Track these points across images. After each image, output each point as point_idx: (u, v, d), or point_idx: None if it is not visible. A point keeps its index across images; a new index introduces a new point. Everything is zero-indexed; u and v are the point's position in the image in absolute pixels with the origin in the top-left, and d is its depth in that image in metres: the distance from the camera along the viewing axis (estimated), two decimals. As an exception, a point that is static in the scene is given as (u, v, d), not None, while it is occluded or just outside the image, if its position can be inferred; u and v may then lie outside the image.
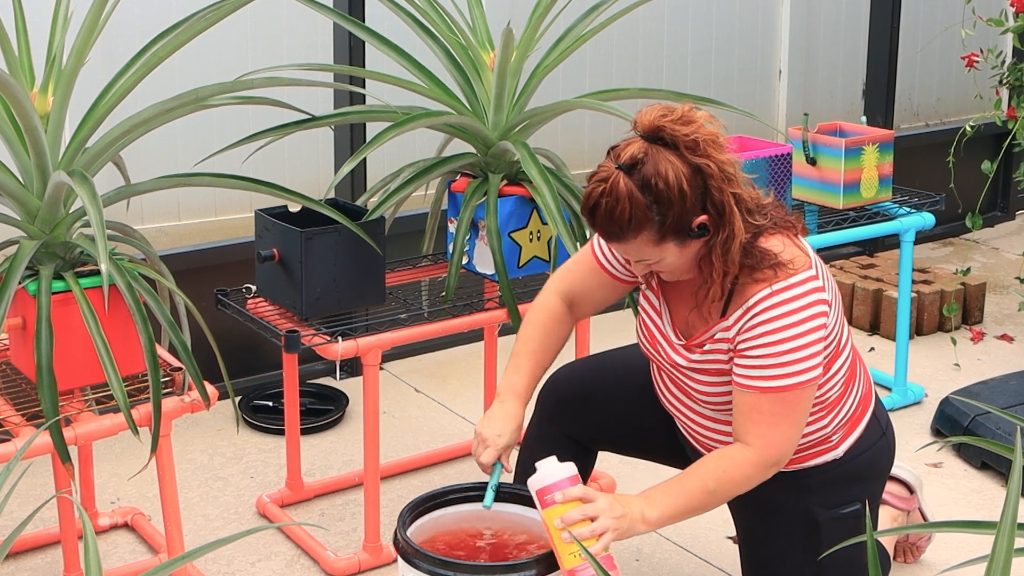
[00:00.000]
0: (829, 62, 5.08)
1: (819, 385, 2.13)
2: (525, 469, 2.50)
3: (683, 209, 1.98)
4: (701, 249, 2.06)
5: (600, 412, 2.44)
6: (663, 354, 2.24)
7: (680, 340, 2.20)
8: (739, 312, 2.09)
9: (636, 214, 1.97)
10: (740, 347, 2.09)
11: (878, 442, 2.29)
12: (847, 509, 2.22)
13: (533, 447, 2.48)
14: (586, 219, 2.05)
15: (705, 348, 2.16)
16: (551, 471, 2.09)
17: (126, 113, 2.38)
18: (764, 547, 2.28)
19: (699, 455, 2.29)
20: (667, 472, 2.57)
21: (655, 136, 1.99)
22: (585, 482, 2.52)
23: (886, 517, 2.66)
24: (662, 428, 2.41)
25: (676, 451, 2.43)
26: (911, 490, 2.72)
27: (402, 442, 3.33)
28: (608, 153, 2.03)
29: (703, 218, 2.00)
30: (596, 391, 2.45)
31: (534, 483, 2.09)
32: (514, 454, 2.50)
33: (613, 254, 2.29)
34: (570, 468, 2.10)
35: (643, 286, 2.28)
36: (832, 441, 2.22)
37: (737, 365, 2.10)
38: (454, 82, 2.87)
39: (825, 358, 2.10)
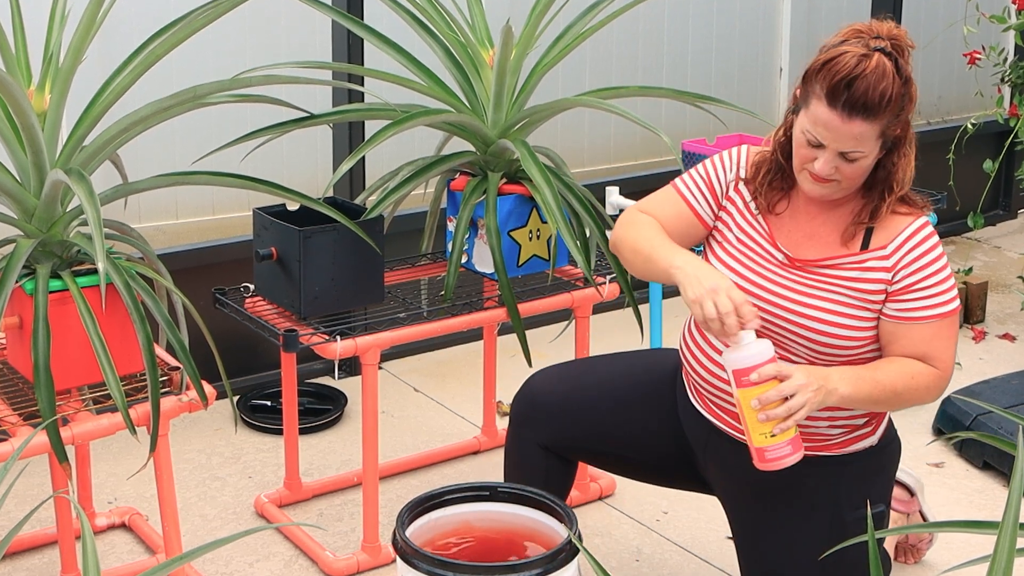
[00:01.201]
0: (830, 60, 5.07)
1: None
2: (510, 476, 2.48)
3: (909, 110, 2.05)
4: (880, 161, 2.09)
5: (577, 428, 2.40)
6: (768, 271, 2.17)
7: (785, 255, 2.16)
8: (897, 243, 2.11)
9: (894, 96, 2.00)
10: (909, 280, 2.10)
11: (895, 434, 2.31)
12: (874, 510, 2.21)
13: (512, 454, 2.45)
14: (830, 94, 2.01)
15: (819, 272, 2.13)
16: (748, 352, 2.04)
17: (123, 111, 2.37)
18: (784, 540, 2.24)
19: (700, 461, 2.30)
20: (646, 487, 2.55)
21: (892, 44, 2.05)
22: (566, 493, 2.49)
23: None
24: (638, 444, 2.38)
25: (650, 469, 2.42)
26: (911, 493, 2.72)
27: (401, 442, 3.32)
28: (845, 41, 2.05)
29: (898, 131, 2.06)
30: (574, 406, 2.41)
31: (730, 362, 2.05)
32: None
33: (700, 189, 2.26)
34: (767, 348, 2.05)
35: (732, 217, 2.23)
36: (871, 426, 2.22)
37: (910, 299, 2.10)
38: (453, 80, 2.86)
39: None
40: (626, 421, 2.39)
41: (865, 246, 2.13)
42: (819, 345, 2.13)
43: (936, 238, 2.13)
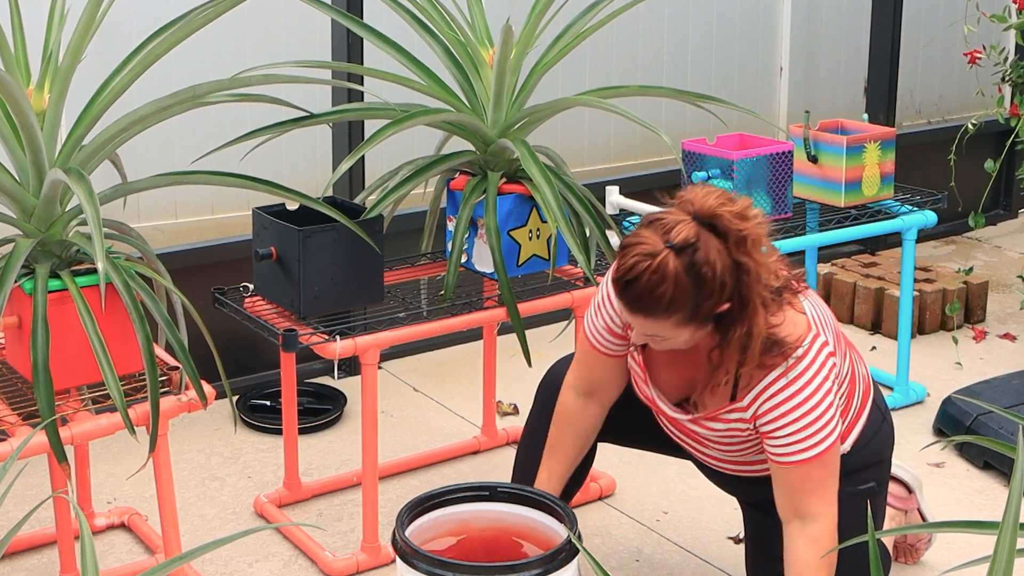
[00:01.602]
0: (831, 59, 5.07)
1: None
2: (523, 460, 2.49)
3: (718, 299, 1.97)
4: (713, 336, 2.04)
5: None
6: (659, 411, 2.27)
7: (678, 412, 2.22)
8: (752, 396, 2.10)
9: (676, 297, 1.94)
10: (765, 429, 2.10)
11: (880, 428, 2.32)
12: (863, 486, 2.25)
13: (532, 438, 2.47)
14: (615, 288, 2.00)
15: (715, 423, 2.17)
16: None
17: (123, 110, 2.37)
18: (778, 540, 2.26)
19: (706, 467, 2.36)
20: (667, 461, 2.56)
21: (709, 222, 1.95)
22: (582, 482, 2.53)
23: (885, 517, 2.64)
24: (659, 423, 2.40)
25: (674, 447, 2.42)
26: (910, 490, 2.71)
27: (400, 442, 3.32)
28: (650, 224, 1.97)
29: (726, 306, 1.99)
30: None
31: None
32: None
33: (605, 336, 2.26)
34: None
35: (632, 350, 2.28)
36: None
37: (771, 445, 2.11)
38: (453, 79, 2.86)
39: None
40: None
41: (734, 396, 2.13)
42: (733, 446, 2.22)
43: (803, 379, 2.05)
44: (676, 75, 4.66)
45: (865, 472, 2.28)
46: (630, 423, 2.44)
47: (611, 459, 3.06)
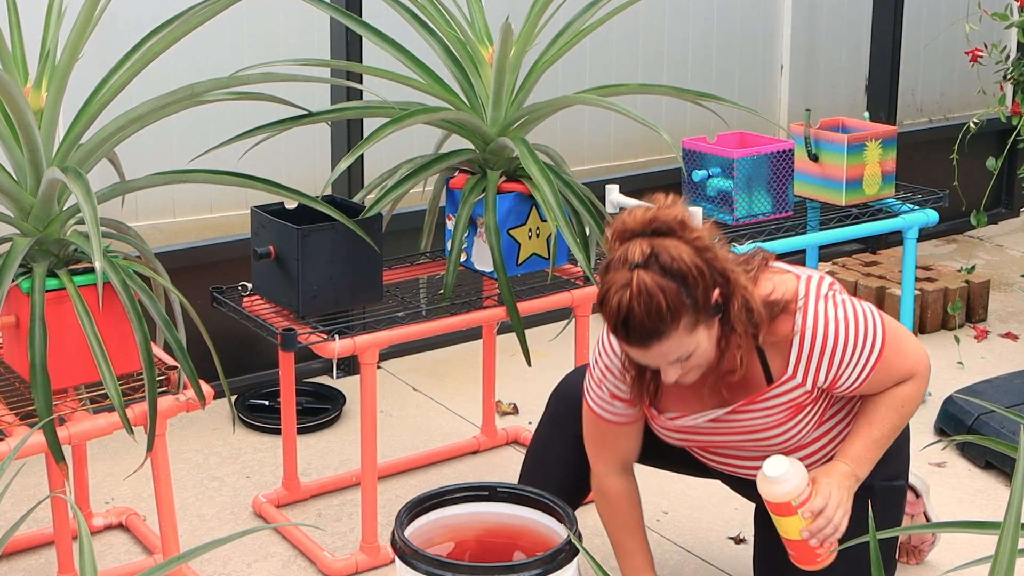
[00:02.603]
0: (831, 57, 5.06)
1: None
2: (532, 468, 2.48)
3: (705, 284, 1.98)
4: (721, 328, 2.05)
5: None
6: (696, 432, 2.24)
7: (718, 409, 2.19)
8: (794, 358, 2.11)
9: (672, 302, 1.95)
10: (831, 372, 2.11)
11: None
12: (896, 482, 2.30)
13: (542, 448, 2.46)
14: (619, 337, 2.00)
15: (766, 402, 2.16)
16: (790, 484, 2.08)
17: (121, 109, 2.36)
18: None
19: (721, 474, 2.37)
20: (664, 474, 2.55)
21: (650, 229, 1.99)
22: (589, 490, 2.50)
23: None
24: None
25: (688, 459, 2.41)
26: (917, 495, 2.70)
27: (400, 441, 3.31)
28: (607, 268, 2.00)
29: (716, 292, 2.01)
30: None
31: (775, 493, 2.09)
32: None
33: (615, 406, 2.25)
34: (802, 471, 2.10)
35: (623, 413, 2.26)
36: None
37: (845, 380, 2.13)
38: (452, 78, 2.85)
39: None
40: None
41: (768, 377, 2.14)
42: (778, 449, 2.21)
43: (821, 312, 2.09)
44: (676, 73, 4.66)
45: (895, 459, 2.29)
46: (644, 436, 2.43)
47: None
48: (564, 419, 2.43)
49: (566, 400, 2.45)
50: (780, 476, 2.07)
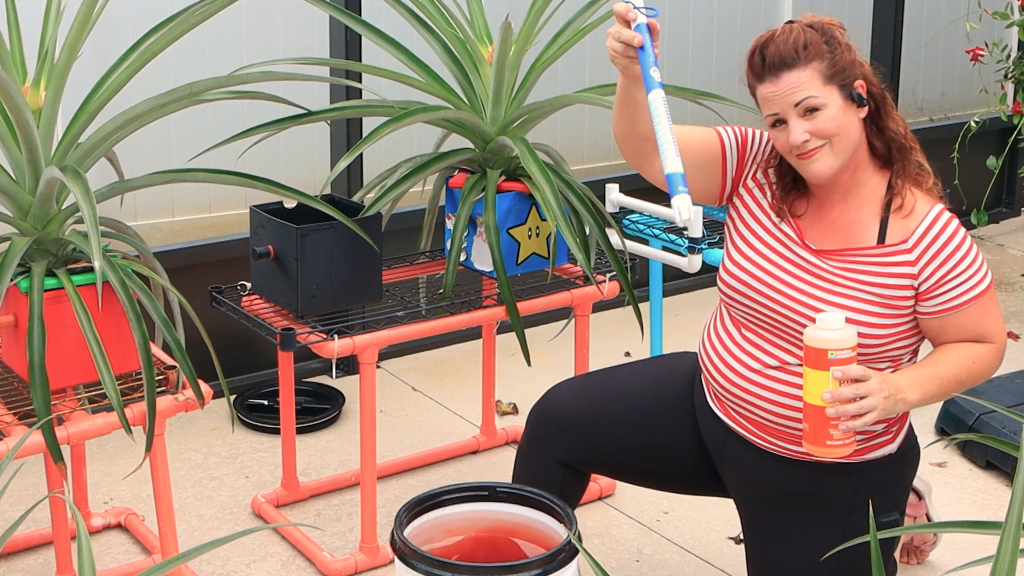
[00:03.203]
0: (832, 56, 5.05)
1: (895, 361, 2.16)
2: (520, 482, 2.45)
3: (850, 60, 2.07)
4: (871, 124, 2.11)
5: (597, 442, 2.37)
6: (793, 265, 2.16)
7: (807, 249, 2.15)
8: (919, 233, 2.10)
9: (811, 40, 2.05)
10: (941, 271, 2.08)
11: (914, 440, 2.28)
12: (887, 518, 2.21)
13: (524, 465, 2.42)
14: (753, 64, 2.10)
15: (840, 267, 2.12)
16: (836, 334, 2.00)
17: (119, 108, 2.36)
18: (796, 540, 2.22)
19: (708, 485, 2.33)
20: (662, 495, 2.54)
21: (819, 27, 2.10)
22: (575, 506, 2.46)
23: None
24: (658, 457, 2.36)
25: (673, 479, 2.39)
26: (920, 496, 2.69)
27: (399, 441, 3.30)
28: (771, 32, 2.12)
29: (861, 82, 2.09)
30: (594, 421, 2.37)
31: (817, 338, 2.00)
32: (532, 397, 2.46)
33: (739, 146, 2.27)
34: (854, 334, 2.03)
35: (755, 213, 2.22)
36: (891, 432, 2.19)
37: (945, 290, 2.09)
38: (452, 77, 2.84)
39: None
40: (649, 434, 2.35)
41: (882, 239, 2.11)
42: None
43: (955, 220, 2.12)
44: (676, 72, 4.65)
45: (895, 489, 2.23)
46: (627, 458, 2.38)
47: (611, 458, 3.05)
48: (546, 437, 2.38)
49: (545, 420, 2.39)
50: (830, 321, 2.00)
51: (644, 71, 2.10)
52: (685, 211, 1.84)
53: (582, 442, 2.37)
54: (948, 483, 3.09)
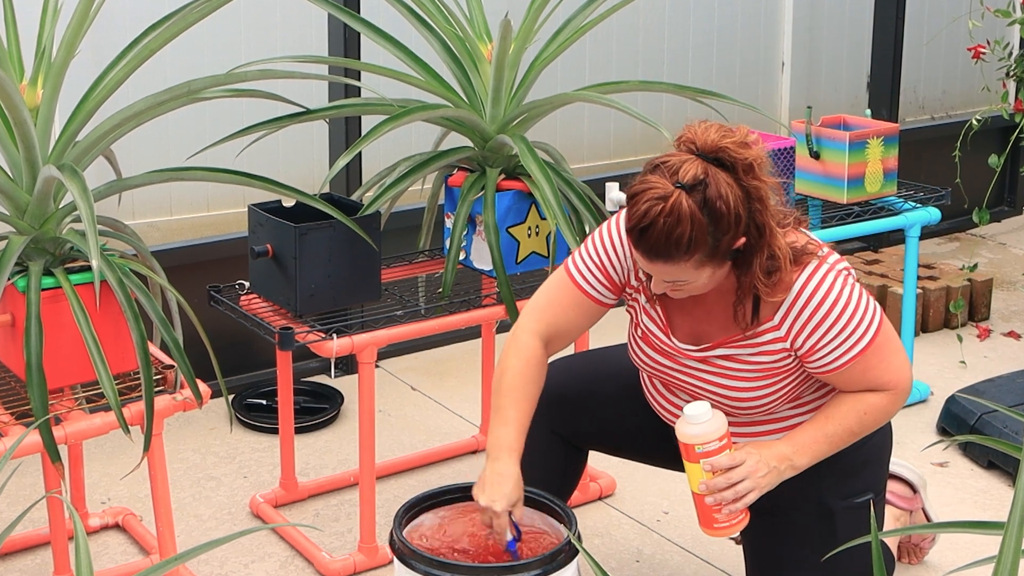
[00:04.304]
0: (833, 54, 5.04)
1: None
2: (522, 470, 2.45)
3: (735, 233, 1.96)
4: (735, 271, 2.03)
5: (594, 413, 2.41)
6: (672, 358, 2.20)
7: (693, 346, 2.16)
8: (784, 308, 2.06)
9: (695, 237, 1.92)
10: (811, 340, 2.06)
11: (883, 426, 2.27)
12: (860, 499, 2.22)
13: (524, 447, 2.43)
14: (631, 237, 1.97)
15: (744, 348, 2.12)
16: (700, 428, 2.04)
17: (117, 106, 2.35)
18: (778, 543, 2.24)
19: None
20: (664, 474, 2.53)
21: (714, 157, 1.95)
22: (575, 486, 2.48)
23: (889, 517, 2.62)
24: (659, 431, 2.37)
25: (668, 454, 2.39)
26: (914, 489, 2.69)
27: (398, 441, 3.30)
28: (655, 169, 1.97)
29: (742, 240, 1.98)
30: (591, 391, 2.41)
31: (684, 433, 2.05)
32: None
33: (597, 278, 2.22)
34: (720, 424, 2.05)
35: (638, 302, 2.23)
36: None
37: (820, 355, 2.07)
38: (451, 75, 2.84)
39: None
40: (639, 410, 2.37)
41: (756, 316, 2.09)
42: (738, 409, 2.16)
43: (828, 280, 2.05)
44: (677, 70, 4.64)
45: (865, 473, 2.24)
46: (627, 433, 2.41)
47: (611, 459, 3.03)
48: (541, 412, 2.38)
49: (543, 397, 2.40)
50: (694, 416, 2.04)
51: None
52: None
53: (580, 416, 2.40)
54: (949, 483, 3.08)
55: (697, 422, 2.04)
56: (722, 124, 2.00)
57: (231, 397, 3.41)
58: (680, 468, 2.46)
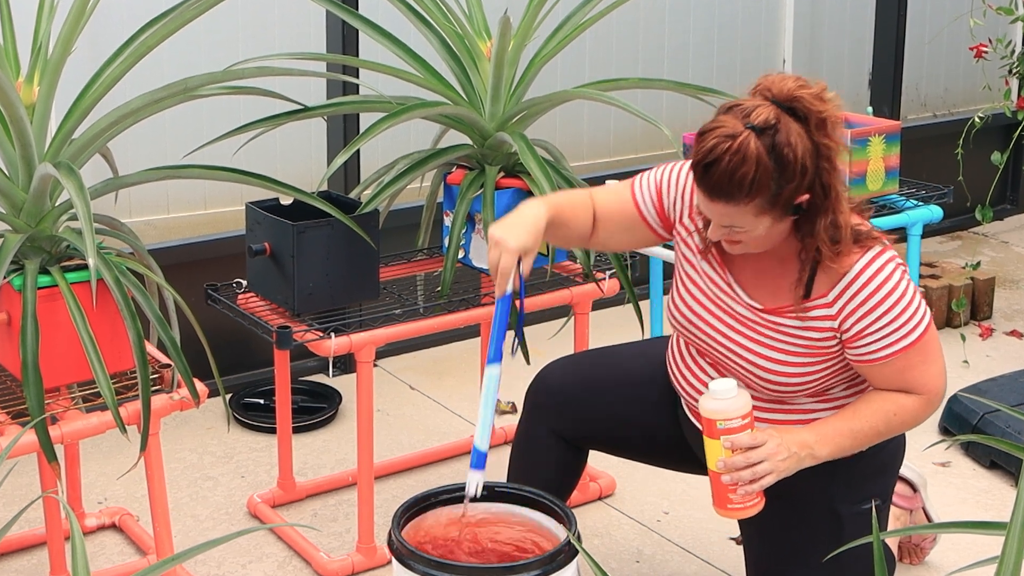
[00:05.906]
0: (834, 51, 5.03)
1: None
2: (517, 468, 2.46)
3: (799, 184, 1.93)
4: (797, 233, 2.01)
5: (593, 412, 2.40)
6: (718, 316, 2.15)
7: (756, 312, 2.12)
8: (840, 287, 2.04)
9: (759, 179, 1.90)
10: (860, 325, 2.03)
11: (898, 436, 2.25)
12: (867, 505, 2.21)
13: (522, 445, 2.44)
14: (695, 173, 1.95)
15: (793, 320, 2.09)
16: (724, 404, 2.01)
17: (114, 104, 2.35)
18: (784, 540, 2.23)
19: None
20: (665, 474, 2.52)
21: (788, 106, 1.93)
22: (575, 486, 2.48)
23: (889, 517, 2.61)
24: (658, 431, 2.37)
25: (670, 455, 2.39)
26: (915, 489, 2.68)
27: (396, 441, 3.29)
28: (729, 111, 1.95)
29: (806, 197, 1.96)
30: (592, 391, 2.41)
31: (707, 408, 2.02)
32: (517, 384, 2.45)
33: (656, 205, 2.21)
34: (745, 402, 2.03)
35: (690, 248, 2.20)
36: None
37: (866, 342, 2.05)
38: (450, 72, 2.83)
39: None
40: (642, 410, 2.37)
41: (808, 293, 2.07)
42: (767, 385, 2.13)
43: (888, 268, 2.03)
44: (677, 67, 4.63)
45: (876, 480, 2.23)
46: (626, 432, 2.40)
47: (611, 459, 3.01)
48: (542, 411, 2.40)
49: (542, 393, 2.42)
50: (719, 391, 2.02)
51: (493, 338, 2.10)
52: (473, 488, 2.06)
53: (578, 414, 2.39)
54: (951, 483, 3.07)
55: (722, 397, 2.01)
56: (799, 76, 1.99)
57: (228, 396, 3.40)
58: (680, 468, 2.46)
